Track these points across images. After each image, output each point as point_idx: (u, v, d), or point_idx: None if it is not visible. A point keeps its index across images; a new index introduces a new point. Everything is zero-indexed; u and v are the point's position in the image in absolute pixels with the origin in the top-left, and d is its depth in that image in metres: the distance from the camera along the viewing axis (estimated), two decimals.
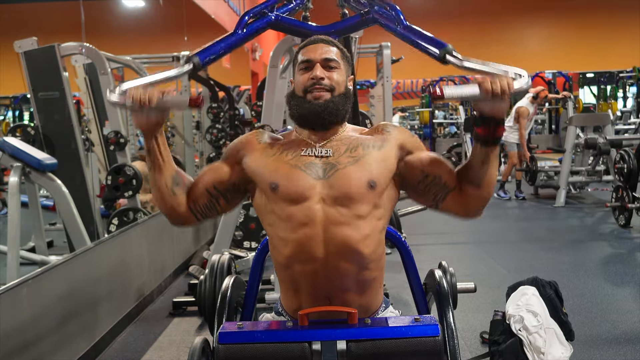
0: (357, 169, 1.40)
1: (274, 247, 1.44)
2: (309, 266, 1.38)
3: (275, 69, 3.31)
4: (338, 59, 1.48)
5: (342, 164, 1.40)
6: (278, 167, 1.42)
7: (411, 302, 1.79)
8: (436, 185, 1.44)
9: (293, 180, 1.39)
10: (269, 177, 1.42)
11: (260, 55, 10.66)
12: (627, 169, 5.31)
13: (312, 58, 1.47)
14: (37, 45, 4.04)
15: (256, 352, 1.28)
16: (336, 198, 1.37)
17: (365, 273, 1.40)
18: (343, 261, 1.37)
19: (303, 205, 1.38)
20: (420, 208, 3.67)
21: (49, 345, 2.52)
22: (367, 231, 1.38)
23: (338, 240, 1.36)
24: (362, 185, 1.38)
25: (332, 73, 1.46)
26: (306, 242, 1.37)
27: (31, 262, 3.82)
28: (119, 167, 4.24)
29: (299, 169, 1.40)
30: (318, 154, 1.42)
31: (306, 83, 1.45)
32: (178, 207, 1.47)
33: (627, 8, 15.18)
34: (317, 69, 1.45)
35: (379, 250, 1.44)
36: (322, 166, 1.41)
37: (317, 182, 1.39)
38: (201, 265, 4.28)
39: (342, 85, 1.47)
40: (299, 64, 1.49)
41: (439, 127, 14.46)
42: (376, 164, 1.42)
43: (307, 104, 1.44)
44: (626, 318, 3.19)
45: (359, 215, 1.38)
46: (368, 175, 1.39)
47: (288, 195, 1.39)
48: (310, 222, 1.37)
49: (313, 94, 1.44)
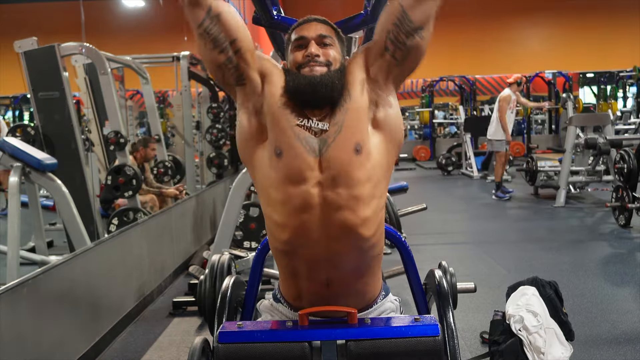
0: (343, 136, 1.35)
1: (271, 233, 1.41)
2: (307, 251, 1.36)
3: None
4: (333, 36, 1.44)
5: (331, 136, 1.35)
6: (284, 129, 1.36)
7: (411, 302, 1.79)
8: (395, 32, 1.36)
9: (294, 155, 1.34)
10: (276, 138, 1.36)
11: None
12: (627, 169, 5.31)
13: (306, 35, 1.42)
14: (37, 45, 4.04)
15: (256, 352, 1.28)
16: (333, 178, 1.33)
17: (365, 256, 1.38)
18: (343, 245, 1.35)
19: (300, 188, 1.34)
20: (420, 208, 3.67)
21: (49, 345, 2.52)
22: (367, 213, 1.35)
23: (337, 225, 1.33)
24: (350, 153, 1.34)
25: (327, 49, 1.41)
26: (304, 227, 1.34)
27: (31, 262, 3.83)
28: (119, 167, 4.24)
29: (300, 142, 1.35)
30: (314, 126, 1.37)
31: (300, 59, 1.41)
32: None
33: (627, 8, 15.18)
34: (312, 46, 1.41)
35: (380, 231, 1.41)
36: (317, 142, 1.35)
37: (314, 160, 1.34)
38: (201, 265, 4.28)
39: (338, 62, 1.42)
40: (293, 42, 1.45)
41: (439, 127, 14.47)
42: (354, 119, 1.36)
43: (301, 77, 1.38)
44: (626, 318, 3.19)
45: (357, 196, 1.34)
46: (352, 139, 1.35)
47: (288, 170, 1.34)
48: (308, 206, 1.34)
49: (307, 69, 1.39)
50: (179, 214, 4.59)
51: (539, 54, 15.67)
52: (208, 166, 6.52)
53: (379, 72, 1.41)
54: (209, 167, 6.51)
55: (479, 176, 9.70)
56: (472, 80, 13.26)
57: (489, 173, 9.45)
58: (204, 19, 1.36)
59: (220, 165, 6.49)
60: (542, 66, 13.50)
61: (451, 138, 13.86)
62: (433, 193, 8.59)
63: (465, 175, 10.30)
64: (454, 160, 10.77)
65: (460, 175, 10.40)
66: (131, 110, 6.94)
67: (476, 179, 9.66)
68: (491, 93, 14.86)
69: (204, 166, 6.63)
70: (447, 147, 11.72)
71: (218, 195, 5.83)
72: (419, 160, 13.32)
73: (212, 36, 1.37)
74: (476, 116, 12.33)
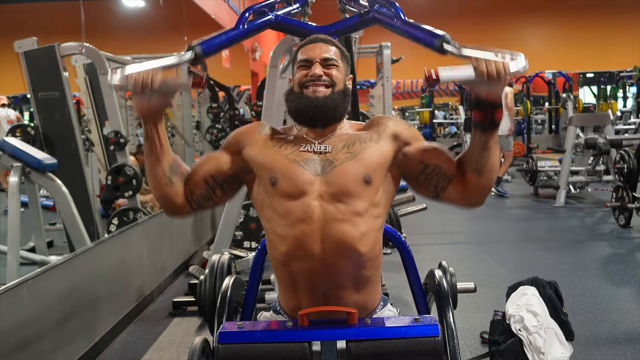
0: (354, 164, 1.39)
1: (272, 244, 1.44)
2: (306, 263, 1.37)
3: (275, 69, 3.31)
4: (337, 58, 1.48)
5: (340, 160, 1.40)
6: (277, 161, 1.42)
7: (411, 302, 1.79)
8: (436, 176, 1.44)
9: (291, 175, 1.39)
10: (268, 171, 1.42)
11: (260, 55, 10.66)
12: (627, 169, 5.31)
13: (310, 57, 1.46)
14: (37, 45, 4.04)
15: (256, 352, 1.28)
16: (334, 194, 1.37)
17: (362, 271, 1.40)
18: (340, 259, 1.37)
19: (301, 201, 1.37)
20: (420, 208, 3.67)
21: (49, 345, 2.52)
22: (364, 229, 1.38)
23: (336, 238, 1.35)
24: (359, 180, 1.38)
25: (330, 70, 1.46)
26: (303, 238, 1.36)
27: (31, 262, 3.82)
28: (119, 167, 4.24)
29: (298, 164, 1.40)
30: (317, 149, 1.42)
31: (303, 79, 1.45)
32: (175, 196, 1.46)
33: (627, 8, 15.19)
34: (316, 67, 1.45)
35: (377, 249, 1.43)
36: (320, 162, 1.40)
37: (315, 178, 1.39)
38: (201, 265, 4.28)
39: (341, 83, 1.47)
40: (298, 62, 1.49)
41: (439, 127, 14.47)
42: (372, 158, 1.41)
43: (304, 99, 1.43)
44: (626, 318, 3.19)
45: (357, 212, 1.37)
46: (364, 170, 1.39)
47: (286, 191, 1.39)
48: (308, 218, 1.36)
49: (311, 89, 1.43)
50: None
51: (538, 54, 15.65)
52: None
53: (399, 165, 1.47)
54: None
55: None
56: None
57: None
58: (191, 205, 1.48)
59: None
60: (542, 66, 13.50)
61: (451, 138, 13.85)
62: None
63: None
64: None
65: None
66: (131, 110, 6.93)
67: None
68: None
69: None
70: (447, 147, 11.70)
71: None
72: None
73: (204, 201, 1.49)
74: None
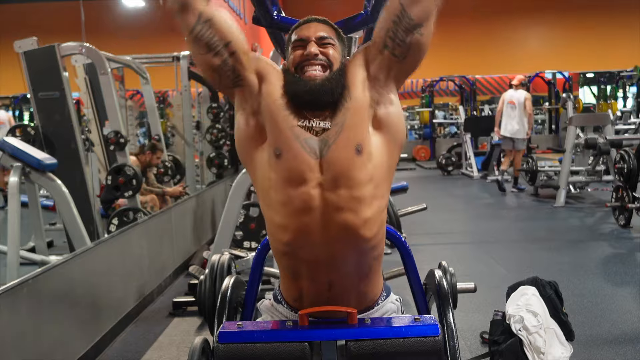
0: (344, 136, 1.34)
1: (272, 235, 1.41)
2: (308, 253, 1.35)
3: None
4: (333, 37, 1.44)
5: (332, 137, 1.35)
6: (282, 131, 1.35)
7: (411, 302, 1.79)
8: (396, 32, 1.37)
9: (295, 155, 1.34)
10: (274, 139, 1.36)
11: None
12: (627, 169, 5.31)
13: (305, 36, 1.42)
14: (37, 45, 4.04)
15: (256, 352, 1.28)
16: (333, 179, 1.33)
17: (366, 257, 1.38)
18: (344, 246, 1.34)
19: (300, 189, 1.33)
20: (420, 208, 3.67)
21: (49, 345, 2.52)
22: (368, 214, 1.34)
23: (339, 226, 1.33)
24: (352, 155, 1.34)
25: (327, 49, 1.41)
26: (305, 228, 1.34)
27: (31, 262, 3.83)
28: (119, 167, 4.24)
29: (300, 143, 1.34)
30: (315, 126, 1.36)
31: (299, 59, 1.40)
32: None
33: (627, 8, 15.17)
34: (312, 46, 1.39)
35: (381, 232, 1.40)
36: (318, 143, 1.35)
37: (314, 162, 1.34)
38: (201, 265, 4.28)
39: (338, 62, 1.41)
40: (293, 43, 1.44)
41: (439, 127, 14.47)
42: (355, 120, 1.35)
43: (302, 83, 1.37)
44: (626, 318, 3.19)
45: (358, 197, 1.33)
46: (354, 138, 1.34)
47: (287, 172, 1.34)
48: (309, 208, 1.33)
49: (308, 73, 1.38)
50: (179, 214, 4.59)
51: (539, 54, 15.67)
52: (208, 166, 6.52)
53: (379, 70, 1.40)
54: (209, 167, 6.51)
55: (479, 176, 9.70)
56: (472, 80, 13.26)
57: (488, 173, 9.46)
58: (195, 24, 1.35)
59: (220, 165, 6.49)
60: (542, 66, 13.50)
61: (451, 138, 13.85)
62: (433, 193, 8.59)
63: (465, 175, 10.29)
64: (454, 160, 10.78)
65: (460, 175, 10.40)
66: (131, 110, 6.93)
67: (476, 179, 9.66)
68: (491, 93, 14.86)
69: (204, 166, 6.63)
70: (447, 147, 11.72)
71: (218, 195, 5.83)
72: (419, 160, 13.33)
73: (204, 40, 1.36)
74: (476, 116, 12.33)
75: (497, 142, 9.28)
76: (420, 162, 13.17)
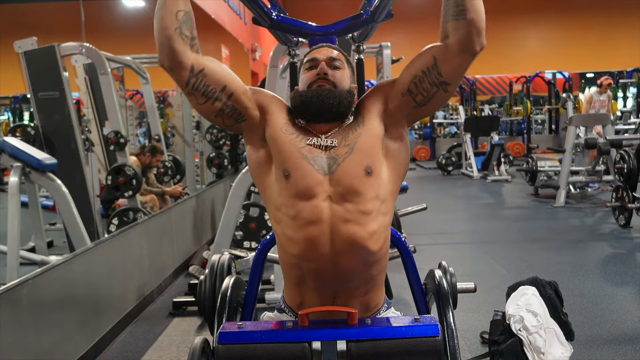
0: (354, 157, 1.41)
1: (282, 247, 1.45)
2: (316, 264, 1.38)
3: (275, 69, 3.31)
4: (342, 60, 1.53)
5: (342, 156, 1.41)
6: (292, 153, 1.42)
7: (411, 302, 1.79)
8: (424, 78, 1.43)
9: (303, 174, 1.39)
10: (282, 161, 1.42)
11: (260, 55, 10.66)
12: (627, 169, 5.31)
13: (317, 57, 1.51)
14: (37, 45, 4.04)
15: (256, 352, 1.28)
16: (342, 194, 1.38)
17: (371, 269, 1.42)
18: (351, 258, 1.38)
19: (310, 202, 1.38)
20: (420, 208, 3.67)
21: (49, 345, 2.52)
22: (374, 227, 1.39)
23: (345, 238, 1.36)
24: (361, 174, 1.39)
25: (335, 72, 1.50)
26: (314, 240, 1.37)
27: (31, 262, 3.83)
28: (119, 167, 4.25)
29: (308, 162, 1.40)
30: (323, 143, 1.43)
31: (310, 78, 1.49)
32: (181, 51, 1.37)
33: (627, 8, 15.17)
34: (323, 66, 1.49)
35: (385, 246, 1.45)
36: (326, 160, 1.41)
37: (324, 178, 1.39)
38: (201, 265, 4.29)
39: (346, 84, 1.50)
40: (305, 64, 1.53)
41: (439, 127, 14.48)
42: (367, 143, 1.42)
43: (310, 91, 1.46)
44: (626, 318, 3.19)
45: (365, 211, 1.38)
46: (364, 160, 1.41)
47: (297, 189, 1.39)
48: (318, 220, 1.37)
49: (317, 83, 1.47)
50: (179, 214, 4.59)
51: (539, 54, 15.67)
52: (208, 166, 6.52)
53: (396, 110, 1.47)
54: (209, 167, 6.51)
55: (479, 176, 9.71)
56: (472, 80, 13.26)
57: (488, 173, 9.46)
58: (189, 78, 1.40)
59: (220, 165, 6.49)
60: (542, 66, 13.51)
61: (451, 138, 13.86)
62: (433, 193, 8.59)
63: (465, 175, 10.30)
64: (454, 160, 10.78)
65: (460, 175, 10.40)
66: (131, 110, 6.93)
67: (476, 179, 9.67)
68: (491, 93, 14.88)
69: (204, 166, 6.63)
70: (447, 147, 11.73)
71: (218, 195, 5.83)
72: (419, 160, 13.32)
73: (201, 90, 1.42)
74: (476, 116, 12.33)
75: (497, 142, 9.29)
76: (420, 162, 13.17)
